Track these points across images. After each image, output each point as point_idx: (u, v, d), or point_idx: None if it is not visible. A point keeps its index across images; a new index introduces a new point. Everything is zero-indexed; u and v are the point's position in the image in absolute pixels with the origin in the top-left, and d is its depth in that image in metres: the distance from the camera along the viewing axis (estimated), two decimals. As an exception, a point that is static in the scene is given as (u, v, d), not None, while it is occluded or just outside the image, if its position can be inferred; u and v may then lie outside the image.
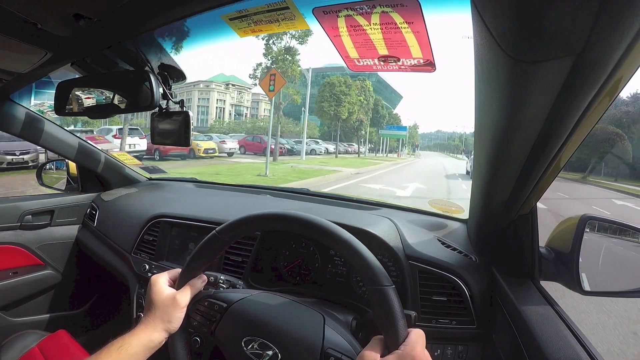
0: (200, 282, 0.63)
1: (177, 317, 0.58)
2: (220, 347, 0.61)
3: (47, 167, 1.64)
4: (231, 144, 16.02)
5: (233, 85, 45.55)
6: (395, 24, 0.51)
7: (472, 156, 0.68)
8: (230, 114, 44.36)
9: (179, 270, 0.63)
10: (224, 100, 43.85)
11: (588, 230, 0.66)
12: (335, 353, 0.53)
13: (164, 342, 0.58)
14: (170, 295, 0.58)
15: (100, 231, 1.35)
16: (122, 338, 0.54)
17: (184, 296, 0.59)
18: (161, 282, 0.61)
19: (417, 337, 0.47)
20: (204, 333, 0.62)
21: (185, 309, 0.59)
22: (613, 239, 0.69)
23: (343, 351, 0.53)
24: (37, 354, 0.97)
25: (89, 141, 1.49)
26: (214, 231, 0.60)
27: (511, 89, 0.36)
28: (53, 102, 0.90)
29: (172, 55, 0.84)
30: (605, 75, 0.32)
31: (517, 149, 0.46)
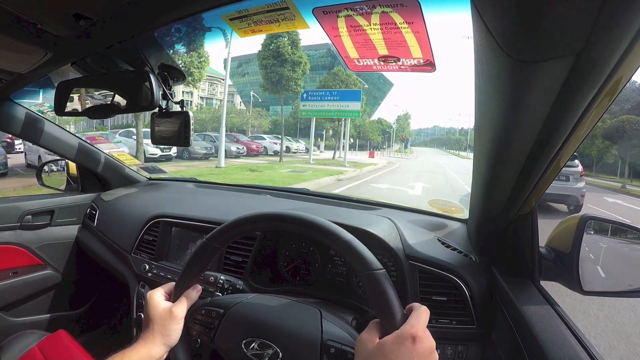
0: (195, 292, 0.63)
1: (175, 330, 0.58)
2: (221, 353, 0.61)
3: (47, 167, 1.64)
4: None
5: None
6: (395, 24, 0.51)
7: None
8: (199, 106, 41.19)
9: (173, 283, 0.63)
10: (191, 93, 40.71)
11: (588, 230, 0.66)
12: (335, 344, 0.53)
13: (164, 357, 0.58)
14: (167, 309, 0.59)
15: (100, 231, 1.35)
16: (122, 352, 0.54)
17: (181, 308, 0.59)
18: (156, 297, 0.61)
19: (417, 316, 0.46)
20: (204, 341, 0.62)
21: (182, 321, 0.59)
22: (613, 239, 0.69)
23: (343, 341, 0.53)
24: (37, 354, 0.97)
25: (89, 141, 1.49)
26: (204, 239, 0.60)
27: (511, 89, 0.36)
28: (53, 102, 0.90)
29: (172, 55, 0.84)
30: (605, 75, 0.32)
31: (517, 148, 0.46)
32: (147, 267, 1.09)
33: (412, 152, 47.96)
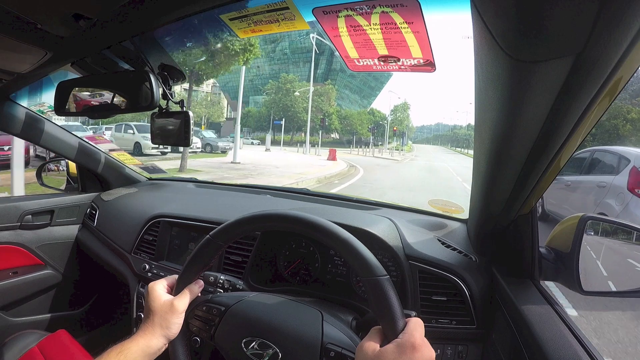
0: (197, 287, 0.63)
1: (176, 323, 0.58)
2: (220, 351, 0.61)
3: (47, 167, 1.64)
4: None
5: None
6: (395, 24, 0.51)
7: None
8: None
9: (176, 276, 0.63)
10: (169, 85, 39.85)
11: (588, 230, 0.66)
12: (335, 348, 0.53)
13: (163, 349, 0.58)
14: (168, 302, 0.59)
15: (100, 231, 1.35)
16: (121, 344, 0.54)
17: (182, 302, 0.59)
18: (158, 289, 0.61)
19: (415, 325, 0.47)
20: (204, 338, 0.62)
21: (183, 314, 0.59)
22: (613, 239, 0.69)
23: (343, 345, 0.53)
24: (37, 354, 0.97)
25: (89, 141, 1.49)
26: (208, 235, 0.60)
27: (511, 89, 0.36)
28: (53, 102, 0.90)
29: (172, 55, 0.84)
30: (605, 75, 0.32)
31: (517, 148, 0.46)
32: (147, 267, 1.09)
33: (412, 150, 39.62)
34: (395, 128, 35.47)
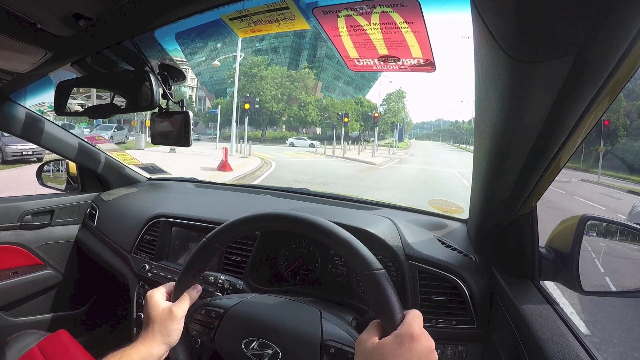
0: (195, 292, 0.63)
1: (176, 330, 0.58)
2: (221, 353, 0.61)
3: (47, 167, 1.64)
4: None
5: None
6: (395, 24, 0.51)
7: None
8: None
9: (173, 283, 0.64)
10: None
11: (588, 230, 0.66)
12: (334, 344, 0.53)
13: (164, 356, 0.58)
14: (167, 309, 0.59)
15: (100, 231, 1.35)
16: (122, 350, 0.54)
17: (181, 308, 0.59)
18: (156, 296, 0.61)
19: (414, 317, 0.47)
20: (204, 341, 0.62)
21: (182, 320, 0.59)
22: (613, 239, 0.69)
23: (342, 341, 0.53)
24: (37, 354, 0.97)
25: (89, 141, 1.49)
26: (204, 239, 0.60)
27: (511, 89, 0.36)
28: (53, 102, 0.90)
29: (172, 55, 0.84)
30: (605, 75, 0.32)
31: (517, 148, 0.46)
32: (147, 267, 1.09)
33: (409, 147, 33.92)
34: (375, 114, 25.62)
